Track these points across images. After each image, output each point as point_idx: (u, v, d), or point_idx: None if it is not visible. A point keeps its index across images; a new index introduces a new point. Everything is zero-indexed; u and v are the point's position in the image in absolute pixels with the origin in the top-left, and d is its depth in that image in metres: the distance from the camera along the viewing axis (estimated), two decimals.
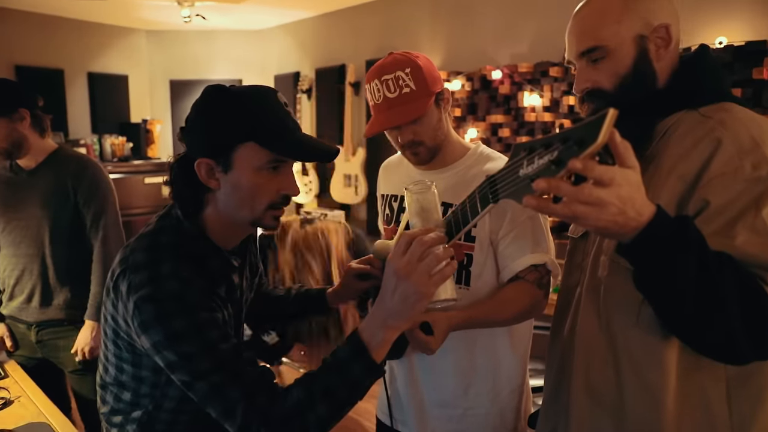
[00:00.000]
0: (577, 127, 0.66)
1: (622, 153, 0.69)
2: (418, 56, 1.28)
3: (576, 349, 1.03)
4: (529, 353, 1.44)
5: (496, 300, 1.27)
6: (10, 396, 1.72)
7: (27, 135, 1.95)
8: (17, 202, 2.01)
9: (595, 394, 0.99)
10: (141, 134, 4.93)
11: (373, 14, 4.47)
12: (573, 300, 1.06)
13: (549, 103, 3.26)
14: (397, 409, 1.45)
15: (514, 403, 1.39)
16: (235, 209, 1.05)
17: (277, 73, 5.43)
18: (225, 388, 0.94)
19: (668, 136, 0.93)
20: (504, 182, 0.79)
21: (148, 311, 0.96)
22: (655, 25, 0.93)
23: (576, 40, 0.97)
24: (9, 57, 4.47)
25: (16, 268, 2.04)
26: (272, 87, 1.07)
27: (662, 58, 0.94)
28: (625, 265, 0.81)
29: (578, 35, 0.97)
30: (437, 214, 0.99)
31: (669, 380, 0.89)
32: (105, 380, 1.14)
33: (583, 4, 0.98)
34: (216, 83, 1.07)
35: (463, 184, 1.29)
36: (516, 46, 3.53)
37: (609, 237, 0.87)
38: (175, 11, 4.43)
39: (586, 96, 0.99)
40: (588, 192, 0.68)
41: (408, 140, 1.29)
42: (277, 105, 1.04)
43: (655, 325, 0.88)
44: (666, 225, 0.73)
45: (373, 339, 0.92)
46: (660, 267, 0.75)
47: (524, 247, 1.27)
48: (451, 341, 1.22)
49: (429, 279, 0.86)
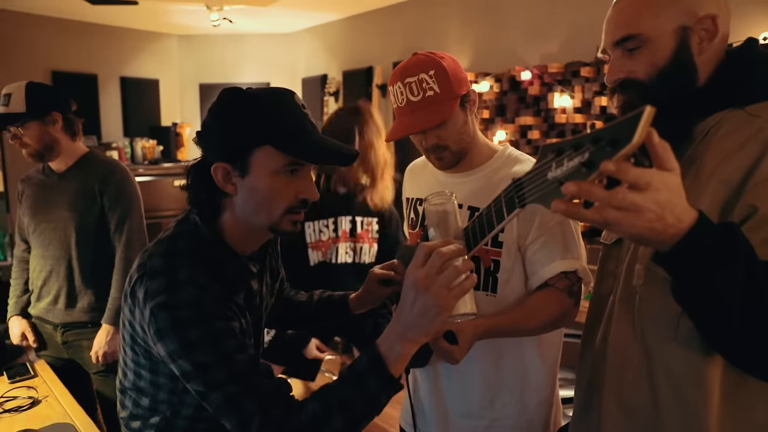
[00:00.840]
0: (610, 126, 0.61)
1: (660, 154, 0.64)
2: (443, 57, 1.23)
3: (608, 361, 0.97)
4: (559, 362, 1.38)
5: (524, 308, 1.22)
6: (37, 396, 1.74)
7: (58, 138, 2.00)
8: (47, 204, 2.05)
9: (628, 410, 0.93)
10: (171, 137, 5.01)
11: (401, 16, 4.45)
12: (605, 309, 1.01)
13: (580, 104, 3.17)
14: (420, 418, 1.41)
15: (542, 415, 1.34)
16: (252, 214, 1.03)
17: (305, 76, 5.46)
18: (240, 399, 0.92)
19: (710, 136, 0.87)
20: (531, 186, 0.75)
21: (164, 319, 0.94)
22: (701, 16, 0.87)
23: (613, 27, 0.92)
24: (46, 63, 4.60)
25: (44, 269, 2.07)
26: (290, 89, 1.05)
27: (705, 52, 0.88)
28: (663, 274, 0.75)
29: (616, 23, 0.92)
30: (457, 225, 0.97)
31: (712, 399, 0.83)
32: (124, 385, 1.14)
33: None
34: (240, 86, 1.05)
35: (489, 188, 1.24)
36: (546, 45, 3.45)
37: (645, 245, 0.81)
38: (205, 16, 4.49)
39: (619, 87, 0.92)
40: (622, 196, 0.62)
41: (432, 144, 1.25)
42: (294, 107, 1.01)
43: (696, 340, 0.82)
44: (709, 232, 0.68)
45: (391, 352, 0.90)
46: (702, 278, 0.69)
47: (554, 253, 1.21)
48: (477, 350, 1.18)
49: (449, 292, 0.84)
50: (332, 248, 2.15)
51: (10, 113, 1.91)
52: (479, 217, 0.96)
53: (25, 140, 1.94)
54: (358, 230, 2.17)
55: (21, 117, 1.91)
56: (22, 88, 1.93)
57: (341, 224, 2.15)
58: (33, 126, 1.93)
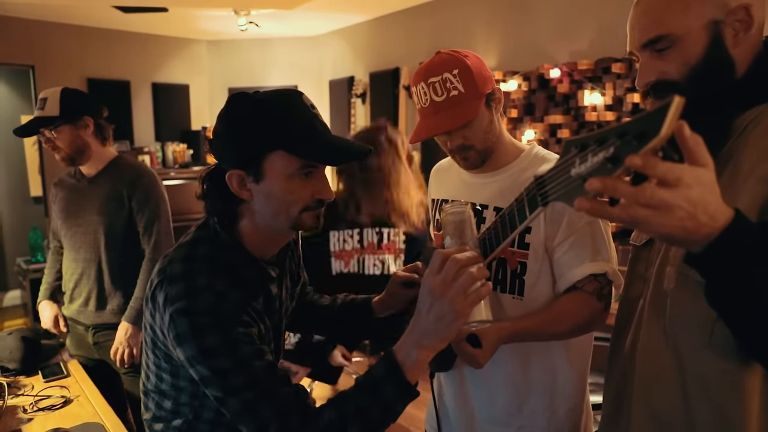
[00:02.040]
0: (637, 119, 0.57)
1: (692, 148, 0.60)
2: (467, 55, 1.20)
3: (637, 368, 0.93)
4: (589, 368, 1.34)
5: (552, 312, 1.18)
6: (70, 395, 1.78)
7: (89, 142, 2.05)
8: (78, 208, 2.10)
9: (659, 419, 0.89)
10: (201, 141, 5.09)
11: (427, 16, 4.42)
12: (635, 314, 0.96)
13: (611, 101, 3.09)
14: (445, 423, 1.38)
15: (572, 423, 1.29)
16: (271, 218, 1.03)
17: (332, 78, 5.48)
18: (257, 405, 0.92)
19: (748, 131, 0.82)
20: (554, 183, 0.71)
21: (182, 325, 0.95)
22: (733, 6, 0.82)
23: (639, 29, 0.87)
24: (82, 70, 4.73)
25: (76, 272, 2.13)
26: (297, 89, 1.04)
27: (741, 43, 0.83)
28: (696, 277, 0.71)
29: (641, 24, 0.87)
30: (473, 234, 0.97)
31: (751, 411, 0.78)
32: (147, 387, 1.15)
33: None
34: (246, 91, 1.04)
35: (516, 188, 1.20)
36: (575, 42, 3.38)
37: (676, 245, 0.77)
38: (232, 21, 4.55)
39: (652, 89, 0.88)
40: (650, 193, 0.59)
41: (457, 145, 1.22)
42: (303, 108, 1.00)
43: (732, 348, 0.77)
44: (747, 232, 0.64)
45: (407, 359, 0.89)
46: (739, 280, 0.65)
47: (583, 255, 1.17)
48: (504, 354, 1.15)
49: (464, 298, 0.84)
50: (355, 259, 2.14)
51: (45, 116, 1.98)
52: (501, 217, 0.93)
53: (58, 143, 2.00)
54: (385, 241, 2.14)
55: (54, 120, 1.97)
56: (58, 93, 2.00)
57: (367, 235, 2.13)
58: (65, 129, 1.99)
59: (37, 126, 1.99)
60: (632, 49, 0.90)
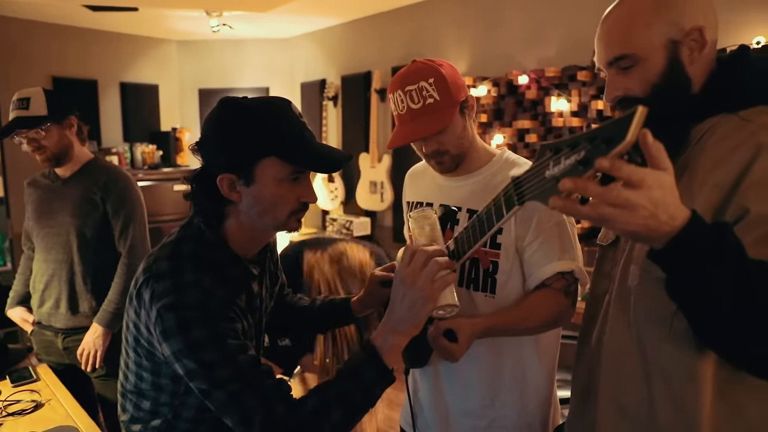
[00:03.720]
0: (605, 125, 0.63)
1: (654, 154, 0.66)
2: (441, 64, 1.25)
3: (603, 361, 0.99)
4: (557, 363, 1.40)
5: (522, 308, 1.24)
6: (41, 399, 1.75)
7: (73, 142, 2.04)
8: (51, 209, 2.07)
9: (624, 409, 0.95)
10: (170, 142, 5.02)
11: (399, 21, 4.48)
12: (601, 310, 1.03)
13: (577, 107, 3.20)
14: (420, 419, 1.42)
15: (542, 415, 1.35)
16: (258, 218, 1.07)
17: (304, 81, 5.48)
18: (243, 396, 0.95)
19: (704, 141, 0.89)
20: (530, 183, 0.77)
21: (170, 319, 0.97)
22: (688, 29, 0.89)
23: (604, 47, 0.94)
24: (46, 69, 4.61)
25: (46, 273, 2.09)
26: (286, 98, 1.08)
27: (696, 62, 0.90)
28: (657, 274, 0.77)
29: (606, 43, 0.94)
30: (439, 235, 1.07)
31: (704, 396, 0.85)
32: (125, 388, 1.16)
33: (611, 9, 0.95)
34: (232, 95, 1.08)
35: (488, 191, 1.26)
36: (543, 50, 3.48)
37: (640, 242, 0.83)
38: (204, 21, 4.51)
39: (618, 104, 0.95)
40: (616, 193, 0.64)
41: (433, 150, 1.27)
42: (293, 117, 1.05)
43: (689, 338, 0.83)
44: (701, 230, 0.70)
45: (384, 344, 0.98)
46: (694, 275, 0.71)
47: (551, 254, 1.23)
48: (478, 350, 1.20)
49: (432, 284, 0.94)
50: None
51: (33, 116, 1.93)
52: (479, 216, 0.98)
53: (44, 143, 1.96)
54: None
55: (44, 120, 1.94)
56: (41, 93, 1.96)
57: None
58: (53, 129, 1.97)
59: (23, 126, 1.94)
60: (599, 65, 0.97)
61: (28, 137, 1.96)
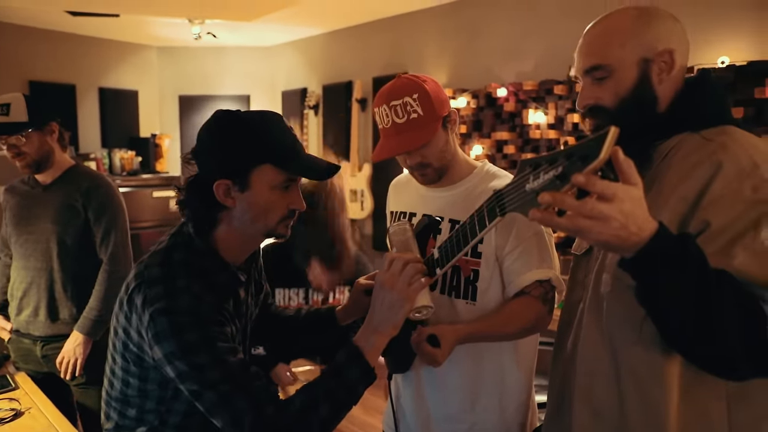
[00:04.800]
0: (581, 143, 0.69)
1: (625, 170, 0.72)
2: (425, 80, 1.30)
3: (578, 364, 1.04)
4: (534, 368, 1.45)
5: (502, 314, 1.29)
6: (20, 407, 1.73)
7: (54, 148, 2.03)
8: (31, 215, 2.06)
9: (597, 410, 1.00)
10: (150, 148, 4.99)
11: (381, 32, 4.54)
12: (575, 316, 1.08)
13: (553, 120, 3.29)
14: (402, 423, 1.46)
15: (520, 419, 1.40)
16: (250, 224, 1.12)
17: (285, 89, 5.50)
18: (233, 397, 0.99)
19: (670, 157, 0.96)
20: (511, 196, 0.82)
21: (162, 323, 1.00)
22: (660, 50, 0.95)
23: (583, 57, 1.01)
24: (23, 73, 4.55)
25: (24, 280, 2.07)
26: (277, 112, 1.15)
27: (665, 82, 0.97)
28: (628, 281, 0.83)
29: (585, 53, 1.00)
30: (413, 245, 1.17)
31: (671, 397, 0.90)
32: (110, 395, 1.17)
33: (595, 23, 1.01)
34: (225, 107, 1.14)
35: (469, 201, 1.31)
36: (521, 64, 3.57)
37: (611, 251, 0.89)
38: (186, 28, 4.52)
39: (588, 112, 1.02)
40: (591, 206, 0.70)
41: (416, 162, 1.32)
42: (286, 129, 1.12)
43: (657, 341, 0.89)
44: (667, 241, 0.76)
45: (367, 344, 1.06)
46: (661, 282, 0.77)
47: (529, 263, 1.29)
48: (458, 355, 1.24)
49: (408, 287, 1.04)
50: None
51: (13, 122, 1.93)
52: (462, 226, 1.03)
53: (24, 149, 1.95)
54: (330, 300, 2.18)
55: (24, 126, 1.93)
56: (21, 99, 1.95)
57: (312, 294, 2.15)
58: (33, 136, 1.96)
59: (3, 132, 1.93)
60: (577, 74, 1.03)
61: (8, 143, 1.95)
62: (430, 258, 1.14)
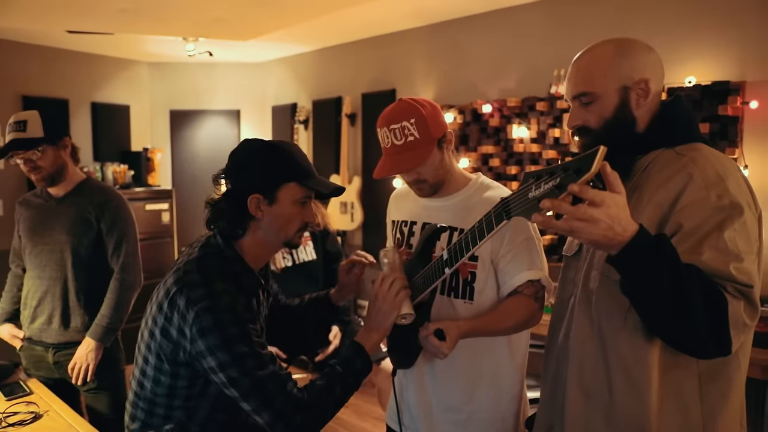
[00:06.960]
0: (575, 159, 0.84)
1: (612, 181, 0.87)
2: (423, 105, 1.43)
3: (570, 353, 1.18)
4: (526, 363, 1.58)
5: (498, 311, 1.42)
6: (39, 410, 1.80)
7: (68, 162, 2.13)
8: (45, 227, 2.14)
9: (588, 392, 1.13)
10: (142, 162, 5.04)
11: (370, 50, 4.70)
12: (567, 310, 1.22)
13: (536, 135, 3.46)
14: (406, 415, 1.58)
15: (514, 409, 1.53)
16: (274, 234, 1.32)
17: (275, 104, 5.62)
18: (266, 382, 1.18)
19: (648, 170, 1.11)
20: (516, 203, 0.98)
21: (207, 320, 1.17)
22: (636, 79, 1.11)
23: (572, 84, 1.16)
24: (16, 88, 4.60)
25: (39, 290, 2.15)
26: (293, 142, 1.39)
27: (642, 106, 1.12)
28: (614, 277, 0.98)
29: (574, 80, 1.16)
30: (398, 264, 1.41)
31: (652, 377, 1.05)
32: (139, 396, 1.31)
33: (582, 54, 1.16)
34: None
35: (466, 210, 1.46)
36: (505, 81, 3.76)
37: (600, 249, 1.04)
38: (179, 45, 4.62)
39: (577, 131, 1.17)
40: (583, 210, 0.85)
41: (413, 179, 1.48)
42: (304, 155, 1.34)
43: (640, 328, 1.04)
44: (646, 240, 0.91)
45: (367, 342, 1.34)
46: (642, 274, 0.92)
47: (522, 265, 1.43)
48: (457, 351, 1.37)
49: (394, 299, 1.32)
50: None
51: (30, 138, 2.02)
52: (471, 229, 1.18)
53: (40, 163, 2.04)
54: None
55: (41, 141, 2.03)
56: (37, 115, 2.05)
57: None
58: (49, 150, 2.05)
59: (20, 147, 2.02)
60: (567, 97, 1.19)
61: (25, 158, 2.04)
62: (440, 259, 1.29)
